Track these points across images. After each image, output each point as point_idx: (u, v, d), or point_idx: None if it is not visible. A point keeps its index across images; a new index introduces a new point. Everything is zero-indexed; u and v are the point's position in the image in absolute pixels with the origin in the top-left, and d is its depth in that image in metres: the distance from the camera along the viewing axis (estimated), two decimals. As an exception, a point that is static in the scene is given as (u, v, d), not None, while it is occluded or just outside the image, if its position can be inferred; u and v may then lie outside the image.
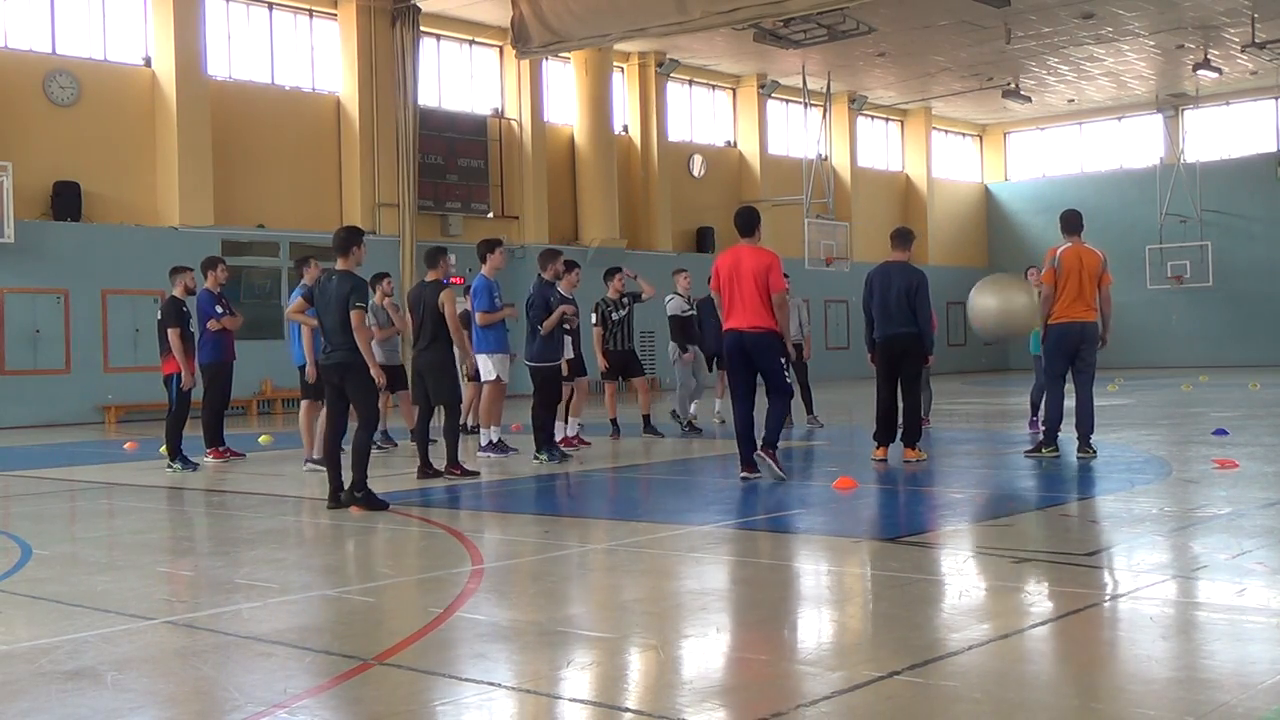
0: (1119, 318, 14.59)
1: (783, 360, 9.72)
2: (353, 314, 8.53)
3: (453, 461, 10.39)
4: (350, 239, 8.84)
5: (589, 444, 13.04)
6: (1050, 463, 10.46)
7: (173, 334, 11.81)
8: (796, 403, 14.69)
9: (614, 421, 14.25)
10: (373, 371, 8.82)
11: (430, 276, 10.67)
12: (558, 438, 12.08)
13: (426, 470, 10.40)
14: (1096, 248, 10.83)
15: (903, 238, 11.17)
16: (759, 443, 9.57)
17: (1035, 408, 13.81)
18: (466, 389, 13.15)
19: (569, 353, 12.59)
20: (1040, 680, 4.13)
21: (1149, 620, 4.84)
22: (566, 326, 12.06)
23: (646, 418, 14.17)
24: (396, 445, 13.51)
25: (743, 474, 9.57)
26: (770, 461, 9.52)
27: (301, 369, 11.79)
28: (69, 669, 4.45)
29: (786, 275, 12.21)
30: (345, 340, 8.60)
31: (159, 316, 12.24)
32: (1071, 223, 10.80)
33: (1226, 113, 37.35)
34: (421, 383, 10.64)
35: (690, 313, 14.87)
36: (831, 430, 15.00)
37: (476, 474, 10.54)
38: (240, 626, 5.10)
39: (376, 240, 25.01)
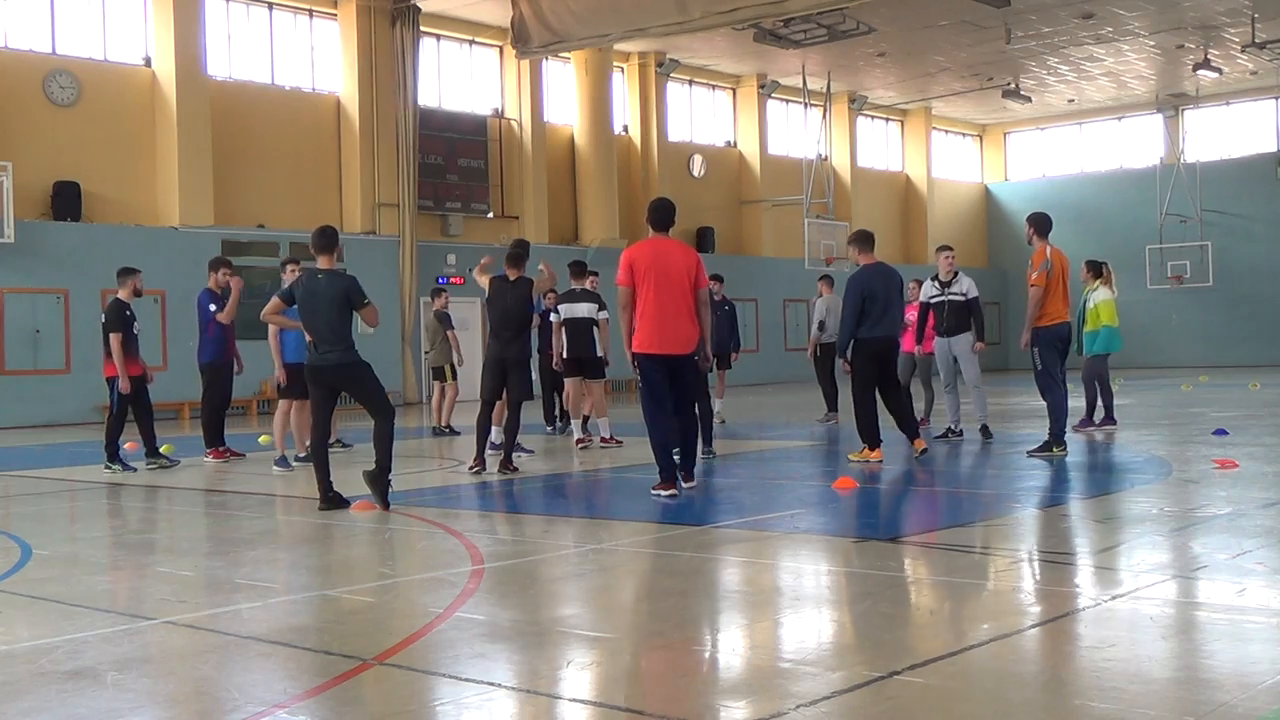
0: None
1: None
2: (367, 311, 8.61)
3: (508, 459, 10.69)
4: (335, 237, 8.90)
5: (620, 443, 12.97)
6: (1050, 462, 10.47)
7: (115, 339, 11.68)
8: (809, 401, 14.78)
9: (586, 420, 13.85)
10: None
11: (512, 275, 10.78)
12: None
13: (482, 465, 10.61)
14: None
15: (871, 240, 11.29)
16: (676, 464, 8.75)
17: (1091, 407, 13.82)
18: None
19: (599, 351, 13.03)
20: (1040, 680, 4.13)
21: (1149, 620, 4.84)
22: None
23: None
24: (352, 446, 13.31)
25: (665, 490, 8.53)
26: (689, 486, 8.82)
27: (287, 368, 11.70)
28: (69, 669, 4.45)
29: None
30: (341, 341, 8.62)
31: (103, 320, 11.95)
32: (1049, 225, 11.11)
33: (1226, 113, 37.35)
34: (492, 377, 10.71)
35: (938, 298, 12.92)
36: (831, 429, 15.00)
37: (517, 470, 10.77)
38: (240, 626, 5.10)
39: (377, 240, 25.05)
